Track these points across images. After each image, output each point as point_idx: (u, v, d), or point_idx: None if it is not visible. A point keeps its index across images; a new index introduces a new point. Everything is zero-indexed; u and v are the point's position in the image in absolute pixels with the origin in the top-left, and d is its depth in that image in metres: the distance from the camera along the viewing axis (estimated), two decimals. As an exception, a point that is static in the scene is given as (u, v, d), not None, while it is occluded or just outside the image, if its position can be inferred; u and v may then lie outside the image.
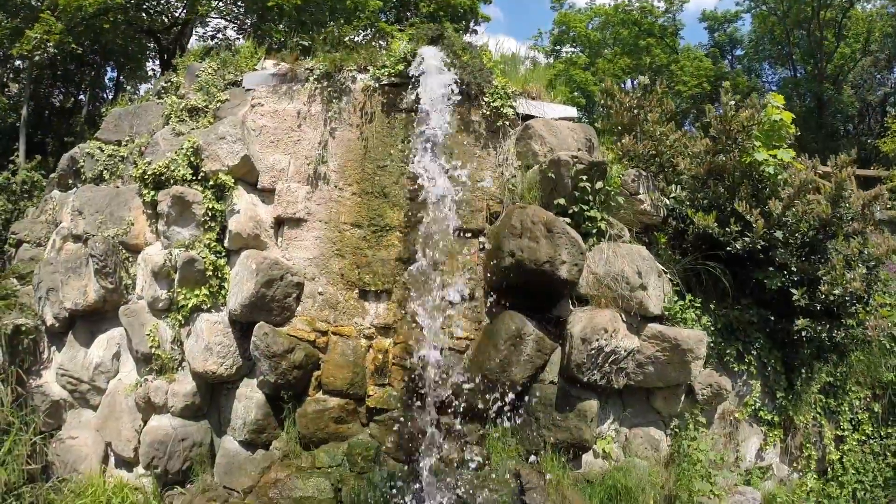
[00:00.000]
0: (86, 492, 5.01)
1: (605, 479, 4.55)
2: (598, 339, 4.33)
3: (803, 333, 5.31)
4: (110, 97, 11.79)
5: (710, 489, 4.92)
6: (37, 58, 9.28)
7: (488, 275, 4.52)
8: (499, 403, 4.35)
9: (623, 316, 4.57)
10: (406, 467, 4.39)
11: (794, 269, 5.33)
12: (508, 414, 4.43)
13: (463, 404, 4.35)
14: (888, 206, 6.79)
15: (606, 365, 4.45)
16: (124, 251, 5.52)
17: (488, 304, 4.56)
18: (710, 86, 16.95)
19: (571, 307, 4.60)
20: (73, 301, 5.55)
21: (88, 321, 5.68)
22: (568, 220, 4.54)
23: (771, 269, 5.34)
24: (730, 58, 21.56)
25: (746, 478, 5.37)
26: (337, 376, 4.52)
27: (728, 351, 5.29)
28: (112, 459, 5.51)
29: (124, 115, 6.35)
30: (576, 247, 4.33)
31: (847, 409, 6.09)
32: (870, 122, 15.86)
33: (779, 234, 5.31)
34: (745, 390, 5.44)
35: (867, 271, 5.55)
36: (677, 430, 5.01)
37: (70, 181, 6.46)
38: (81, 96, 11.68)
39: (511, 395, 4.35)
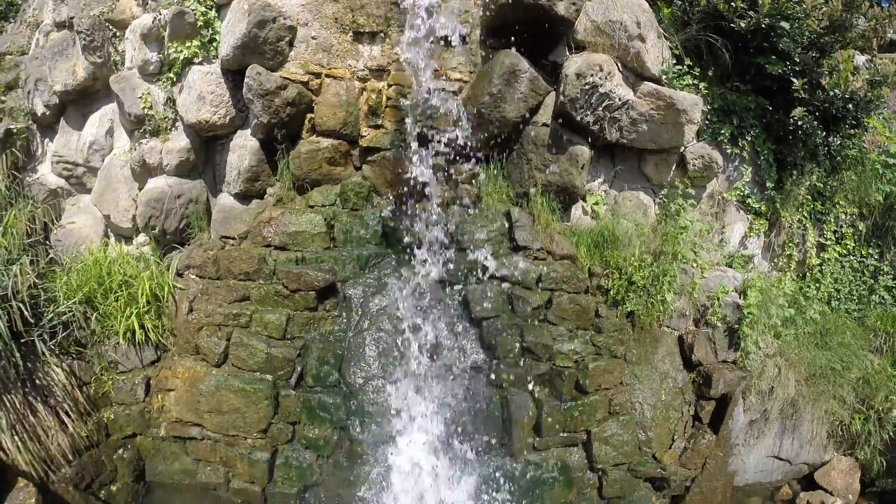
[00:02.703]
0: (86, 260, 5.08)
1: (594, 229, 4.65)
2: (592, 76, 4.30)
3: (800, 124, 5.29)
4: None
5: (693, 258, 5.04)
6: None
7: (484, 15, 4.43)
8: (491, 143, 4.37)
9: (619, 66, 4.52)
10: (397, 206, 4.46)
11: (797, 59, 5.25)
12: (500, 155, 4.46)
13: (456, 143, 4.37)
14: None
15: (600, 109, 4.44)
16: (111, 28, 5.40)
17: (484, 47, 4.49)
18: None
19: (568, 53, 4.55)
20: (62, 83, 5.46)
21: (79, 104, 5.61)
22: (568, -33, 4.40)
23: (774, 56, 5.27)
24: None
25: (728, 261, 5.49)
26: (330, 116, 4.51)
27: (722, 131, 5.27)
28: (112, 239, 5.60)
29: None
30: (575, -17, 4.23)
31: (833, 220, 6.15)
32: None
33: (785, 24, 5.20)
34: (736, 176, 5.47)
35: (871, 82, 5.49)
36: (666, 200, 5.08)
37: (48, -17, 6.23)
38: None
39: (503, 135, 4.36)
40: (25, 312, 4.53)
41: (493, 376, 4.16)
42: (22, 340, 4.57)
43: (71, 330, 4.82)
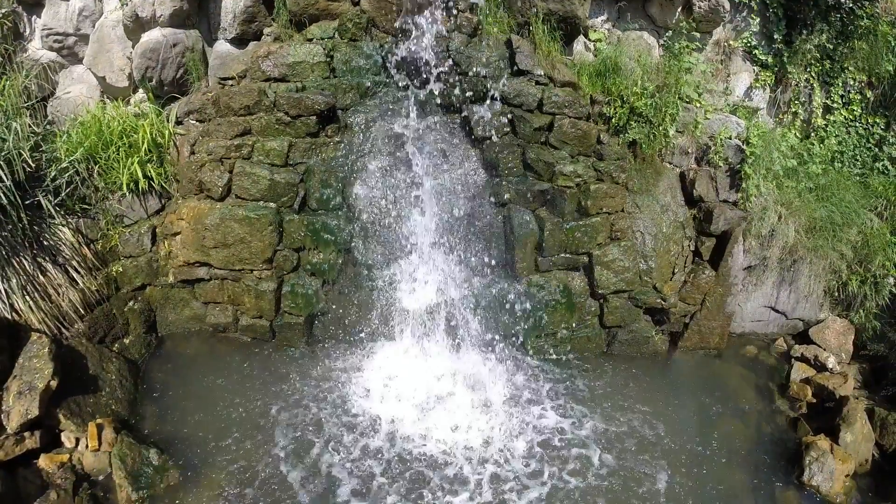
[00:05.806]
0: (85, 119, 5.04)
1: (595, 60, 4.58)
2: None
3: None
4: None
5: (697, 98, 4.99)
6: None
7: None
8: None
9: None
10: (397, 36, 4.40)
11: None
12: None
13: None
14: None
15: (603, -69, 4.34)
16: None
17: None
18: None
19: None
20: (49, -51, 5.33)
21: (67, -27, 5.49)
22: None
23: None
24: None
25: (732, 109, 5.43)
26: (326, -55, 4.42)
27: (728, -25, 5.15)
28: (109, 105, 5.56)
29: None
30: None
31: (841, 84, 6.04)
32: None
33: None
34: (744, 26, 5.36)
35: None
36: (670, 42, 5.00)
37: None
38: None
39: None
40: (29, 166, 4.52)
41: (494, 193, 4.17)
42: (27, 202, 4.58)
43: (75, 186, 4.81)
